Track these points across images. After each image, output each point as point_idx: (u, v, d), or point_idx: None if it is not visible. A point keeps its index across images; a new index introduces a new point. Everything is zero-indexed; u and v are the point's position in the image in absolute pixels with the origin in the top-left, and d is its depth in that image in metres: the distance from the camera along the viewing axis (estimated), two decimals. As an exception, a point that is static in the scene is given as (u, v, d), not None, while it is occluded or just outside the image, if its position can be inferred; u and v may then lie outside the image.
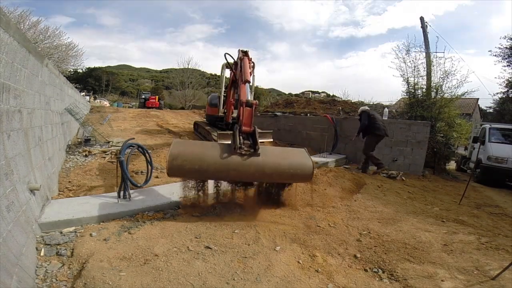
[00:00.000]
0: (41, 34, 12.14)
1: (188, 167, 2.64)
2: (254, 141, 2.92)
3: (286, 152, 3.22)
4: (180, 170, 2.66)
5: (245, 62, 3.99)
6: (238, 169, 2.76)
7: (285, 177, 3.00)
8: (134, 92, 50.61)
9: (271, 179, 2.93)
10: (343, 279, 2.22)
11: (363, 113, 6.49)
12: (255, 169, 2.79)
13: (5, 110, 2.05)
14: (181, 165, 2.62)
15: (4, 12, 2.08)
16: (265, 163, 2.84)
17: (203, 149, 2.88)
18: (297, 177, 3.03)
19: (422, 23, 10.13)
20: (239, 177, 2.82)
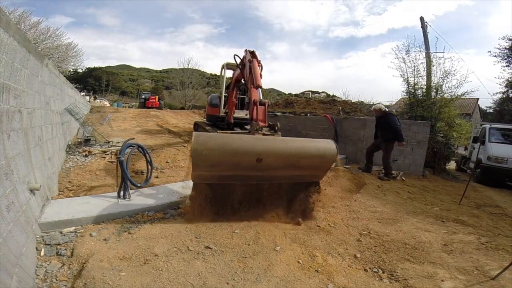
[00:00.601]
0: (42, 34, 12.14)
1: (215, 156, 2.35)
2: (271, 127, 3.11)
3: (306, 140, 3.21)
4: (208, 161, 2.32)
5: (255, 66, 3.96)
6: (270, 147, 2.59)
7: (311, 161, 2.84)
8: (134, 92, 50.65)
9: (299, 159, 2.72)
10: (343, 279, 2.22)
11: (391, 116, 6.02)
12: (283, 148, 2.64)
13: (5, 110, 2.05)
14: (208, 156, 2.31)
15: (4, 12, 2.08)
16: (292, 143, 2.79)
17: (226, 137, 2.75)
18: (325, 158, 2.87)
19: (422, 23, 10.13)
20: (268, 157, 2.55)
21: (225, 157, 2.40)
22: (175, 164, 5.34)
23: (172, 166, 5.25)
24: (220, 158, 2.38)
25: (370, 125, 7.53)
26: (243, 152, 2.45)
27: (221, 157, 2.38)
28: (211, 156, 2.30)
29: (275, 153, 2.63)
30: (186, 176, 4.66)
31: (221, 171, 2.46)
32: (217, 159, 2.37)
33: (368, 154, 6.41)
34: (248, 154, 2.49)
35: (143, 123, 10.25)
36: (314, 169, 2.98)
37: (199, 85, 32.14)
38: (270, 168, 2.63)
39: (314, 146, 2.86)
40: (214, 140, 2.38)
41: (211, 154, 2.30)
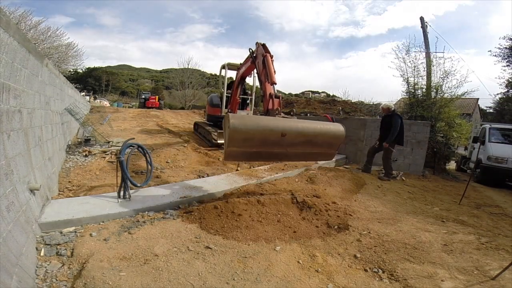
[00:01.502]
0: (42, 35, 12.13)
1: (250, 133, 2.74)
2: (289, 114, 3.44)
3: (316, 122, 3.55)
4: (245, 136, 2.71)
5: (269, 62, 4.07)
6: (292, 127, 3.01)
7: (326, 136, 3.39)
8: (134, 92, 50.65)
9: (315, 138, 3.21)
10: (343, 279, 2.23)
11: (395, 115, 5.92)
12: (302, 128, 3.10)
13: (5, 110, 2.05)
14: (245, 131, 2.70)
15: (4, 12, 2.08)
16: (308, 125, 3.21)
17: (256, 118, 3.17)
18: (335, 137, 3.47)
19: (422, 23, 10.14)
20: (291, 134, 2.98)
21: (257, 132, 2.74)
22: (175, 164, 5.34)
23: (172, 166, 5.25)
24: (253, 132, 2.72)
25: (370, 125, 7.54)
26: (271, 129, 2.85)
27: (254, 132, 2.72)
28: (246, 131, 2.64)
29: (296, 130, 3.07)
30: (186, 176, 4.66)
31: (251, 147, 2.79)
32: (251, 134, 2.70)
33: (369, 154, 6.40)
34: (275, 130, 2.88)
35: (143, 123, 10.26)
36: (327, 147, 3.45)
37: (199, 85, 32.13)
38: (292, 144, 3.01)
39: (326, 126, 3.43)
40: (248, 118, 2.90)
41: (246, 129, 2.64)
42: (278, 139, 2.90)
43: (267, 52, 4.21)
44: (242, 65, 5.91)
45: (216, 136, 6.56)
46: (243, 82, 6.62)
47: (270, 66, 4.04)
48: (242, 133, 2.63)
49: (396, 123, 5.75)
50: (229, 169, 5.38)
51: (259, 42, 4.49)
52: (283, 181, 4.62)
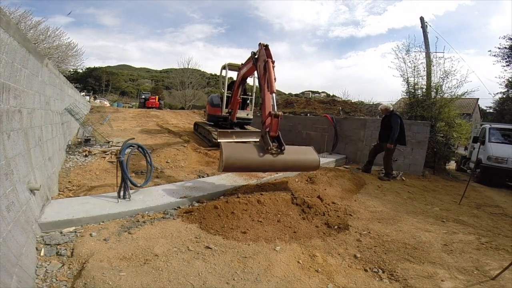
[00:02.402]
0: (42, 34, 12.12)
1: (238, 165, 3.57)
2: (280, 143, 3.78)
3: (300, 150, 4.22)
4: (232, 167, 3.55)
5: (270, 69, 4.04)
6: (271, 164, 3.73)
7: (301, 167, 4.24)
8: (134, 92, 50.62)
9: (291, 169, 4.00)
10: (343, 279, 2.23)
11: (394, 115, 5.91)
12: (282, 164, 3.81)
13: (5, 110, 2.05)
14: (233, 163, 3.48)
15: (4, 12, 2.08)
16: (288, 159, 3.83)
17: (246, 150, 3.77)
18: (309, 168, 4.27)
19: (422, 23, 10.14)
20: (271, 169, 3.89)
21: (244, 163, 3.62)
22: (175, 164, 5.34)
23: (172, 166, 5.25)
24: (240, 164, 3.59)
25: (370, 125, 7.54)
26: (254, 166, 3.73)
27: (241, 163, 3.60)
28: (235, 162, 3.53)
29: (276, 167, 3.89)
30: (186, 176, 4.66)
31: (239, 169, 3.80)
32: (238, 164, 3.59)
33: (371, 154, 6.40)
34: (257, 167, 3.82)
35: (143, 123, 10.25)
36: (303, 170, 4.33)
37: (199, 85, 32.11)
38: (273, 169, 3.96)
39: (303, 159, 4.05)
40: (238, 152, 3.64)
41: (235, 161, 3.53)
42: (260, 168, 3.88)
43: (269, 57, 4.18)
44: (243, 65, 5.90)
45: (216, 136, 6.55)
46: (244, 82, 6.61)
47: (271, 73, 4.03)
48: (232, 163, 3.48)
49: (395, 123, 5.75)
50: (229, 169, 5.38)
51: (262, 43, 4.43)
52: (283, 181, 4.62)
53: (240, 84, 6.37)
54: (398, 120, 5.82)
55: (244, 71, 5.87)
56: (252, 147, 3.81)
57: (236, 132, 6.97)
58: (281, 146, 3.76)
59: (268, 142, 3.69)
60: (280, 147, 3.75)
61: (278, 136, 3.79)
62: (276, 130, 3.77)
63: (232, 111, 7.01)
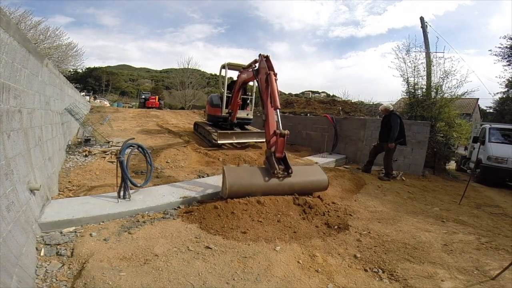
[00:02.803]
0: (42, 34, 12.13)
1: (242, 191, 3.39)
2: (286, 165, 3.61)
3: (307, 171, 4.06)
4: (236, 193, 3.36)
5: (272, 83, 3.78)
6: (277, 188, 3.54)
7: (309, 190, 3.86)
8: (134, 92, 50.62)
9: (299, 192, 3.68)
10: (343, 279, 2.23)
11: (393, 115, 5.90)
12: (288, 188, 3.61)
13: (5, 110, 2.05)
14: (237, 190, 3.36)
15: (4, 12, 2.08)
16: (295, 182, 3.64)
17: (251, 175, 3.57)
18: (317, 189, 3.94)
19: (422, 23, 10.14)
20: (277, 194, 3.56)
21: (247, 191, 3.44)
22: (175, 164, 5.34)
23: (172, 166, 5.25)
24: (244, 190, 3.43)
25: (370, 125, 7.54)
26: (260, 192, 3.48)
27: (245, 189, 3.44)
28: (239, 189, 3.40)
29: (283, 191, 3.61)
30: (186, 176, 4.66)
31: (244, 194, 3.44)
32: (243, 191, 3.42)
33: (371, 154, 6.40)
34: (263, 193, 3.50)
35: (143, 123, 10.25)
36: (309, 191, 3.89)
37: (199, 85, 32.13)
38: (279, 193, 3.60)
39: (310, 181, 3.86)
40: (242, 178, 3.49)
41: (240, 187, 3.41)
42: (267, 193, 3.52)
43: (271, 69, 3.94)
44: (244, 71, 5.78)
45: (216, 136, 6.55)
46: (244, 86, 6.57)
47: (274, 87, 3.76)
48: (237, 189, 3.36)
49: (395, 122, 5.76)
50: (229, 169, 5.38)
51: (263, 54, 4.24)
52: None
53: (240, 88, 6.34)
54: (397, 119, 5.82)
55: (244, 77, 5.75)
56: (257, 171, 3.61)
57: (236, 133, 6.97)
58: (288, 169, 3.56)
59: (274, 165, 3.50)
60: (287, 170, 3.56)
61: (285, 157, 3.63)
62: (282, 151, 3.61)
63: (232, 112, 6.99)
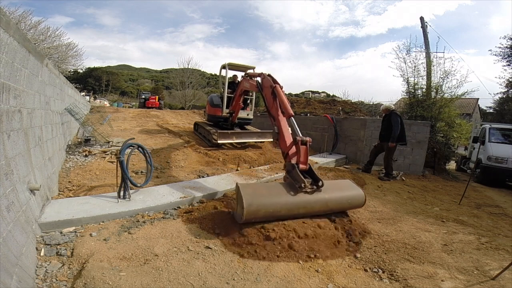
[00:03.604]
0: (42, 34, 12.12)
1: (262, 212, 2.66)
2: (314, 177, 2.99)
3: (338, 184, 3.40)
4: (255, 216, 2.64)
5: (280, 93, 3.58)
6: (306, 207, 2.86)
7: (345, 207, 3.27)
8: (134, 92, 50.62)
9: (332, 210, 3.09)
10: (343, 279, 2.22)
11: (393, 114, 5.90)
12: (320, 205, 2.93)
13: (5, 110, 2.05)
14: (256, 211, 2.62)
15: (4, 12, 2.08)
16: (329, 199, 3.00)
17: (271, 191, 2.90)
18: (354, 205, 3.35)
19: (422, 23, 10.14)
20: (306, 214, 2.89)
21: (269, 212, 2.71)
22: (175, 164, 5.34)
23: (172, 166, 5.25)
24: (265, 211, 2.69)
25: (370, 125, 7.54)
26: (285, 211, 2.77)
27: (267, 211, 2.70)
28: (258, 211, 2.65)
29: (314, 209, 2.94)
30: (186, 176, 4.66)
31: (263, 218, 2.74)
32: (263, 213, 2.68)
33: (372, 154, 6.40)
34: (289, 212, 2.80)
35: (143, 123, 10.25)
36: (344, 210, 3.33)
37: (199, 85, 32.11)
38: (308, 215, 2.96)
39: (347, 197, 3.21)
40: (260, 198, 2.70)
41: (259, 210, 2.65)
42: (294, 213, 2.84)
43: (276, 83, 3.76)
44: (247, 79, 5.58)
45: (216, 136, 6.55)
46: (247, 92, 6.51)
47: (282, 98, 3.51)
48: (255, 210, 2.62)
49: (395, 121, 5.76)
50: (229, 169, 5.38)
51: (264, 73, 4.14)
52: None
53: (241, 94, 6.29)
54: (398, 119, 5.83)
55: (246, 87, 5.59)
56: (278, 186, 3.00)
57: (236, 133, 6.96)
58: (318, 181, 2.94)
59: (300, 178, 2.88)
60: (316, 183, 2.94)
61: (310, 169, 3.05)
62: (306, 162, 3.05)
63: (234, 112, 6.98)
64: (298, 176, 2.91)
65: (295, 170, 2.96)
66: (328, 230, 2.84)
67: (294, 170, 2.97)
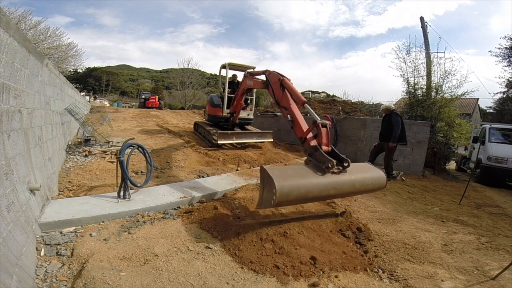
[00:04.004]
0: (42, 34, 12.12)
1: (294, 195, 2.58)
2: (339, 158, 2.94)
3: (361, 167, 3.38)
4: (287, 197, 2.54)
5: (288, 84, 3.66)
6: (336, 187, 2.85)
7: (369, 189, 3.27)
8: (134, 92, 50.59)
9: (358, 191, 3.10)
10: (343, 279, 2.22)
11: (394, 114, 5.89)
12: (348, 186, 2.93)
13: (5, 110, 2.05)
14: (288, 193, 2.53)
15: (4, 12, 2.08)
16: (355, 179, 2.99)
17: (298, 172, 2.83)
18: (377, 188, 3.34)
19: (422, 23, 10.15)
20: (336, 195, 2.88)
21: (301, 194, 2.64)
22: (175, 164, 5.34)
23: (172, 166, 5.25)
24: (298, 193, 2.61)
25: (370, 125, 7.53)
26: (317, 192, 2.74)
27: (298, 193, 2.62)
28: (290, 194, 2.54)
29: (343, 190, 2.96)
30: (186, 176, 4.66)
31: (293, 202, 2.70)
32: (295, 195, 2.59)
33: (372, 154, 6.40)
34: (320, 194, 2.80)
35: (143, 123, 10.25)
36: (369, 192, 3.44)
37: (199, 85, 32.12)
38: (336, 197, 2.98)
39: (371, 178, 3.19)
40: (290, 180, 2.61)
41: (290, 192, 2.53)
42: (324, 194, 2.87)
43: (284, 76, 3.81)
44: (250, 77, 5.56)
45: (216, 136, 6.55)
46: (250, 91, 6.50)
47: (292, 88, 3.57)
48: (287, 193, 2.53)
49: (396, 121, 5.76)
50: (229, 169, 5.38)
51: (269, 70, 4.14)
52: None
53: (243, 93, 6.25)
54: (398, 118, 5.83)
55: (250, 84, 5.54)
56: (304, 168, 2.93)
57: (236, 133, 6.96)
58: (343, 161, 2.89)
59: (327, 158, 2.81)
60: (341, 163, 2.88)
61: (333, 150, 3.02)
62: (328, 143, 3.05)
63: (235, 113, 6.95)
64: (324, 157, 2.85)
65: (319, 151, 2.91)
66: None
67: (318, 152, 2.92)
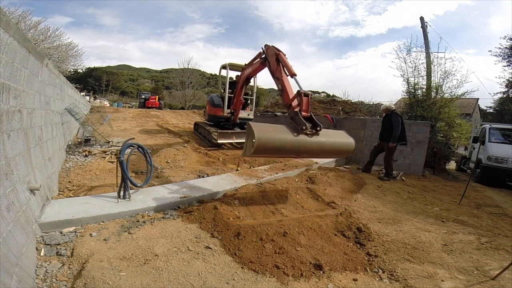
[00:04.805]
0: (42, 34, 12.12)
1: (270, 146, 3.06)
2: (314, 123, 3.41)
3: (334, 133, 3.91)
4: (264, 148, 3.02)
5: (283, 58, 4.06)
6: (306, 146, 3.30)
7: (338, 152, 3.77)
8: (134, 92, 50.59)
9: (327, 154, 3.62)
10: (343, 279, 2.22)
11: (394, 114, 5.92)
12: (317, 147, 3.40)
13: (5, 110, 2.05)
14: (265, 144, 3.00)
15: (4, 12, 2.08)
16: (325, 142, 3.47)
17: (278, 130, 3.30)
18: (345, 152, 3.85)
19: (422, 23, 10.14)
20: (306, 153, 3.42)
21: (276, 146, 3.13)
22: (175, 164, 5.34)
23: (172, 166, 5.25)
24: (273, 145, 3.09)
25: (370, 125, 7.53)
26: (289, 147, 3.21)
27: (274, 145, 3.10)
28: (267, 144, 3.03)
29: (311, 150, 3.41)
30: (186, 176, 4.66)
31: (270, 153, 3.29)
32: (271, 146, 3.08)
33: (372, 154, 6.40)
34: (292, 149, 3.26)
35: (143, 123, 10.25)
36: (339, 155, 3.97)
37: (199, 85, 32.13)
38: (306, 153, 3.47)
39: (340, 142, 3.70)
40: (268, 133, 3.11)
41: (267, 143, 3.03)
42: (295, 150, 3.29)
43: (280, 51, 4.18)
44: (248, 65, 5.73)
45: (216, 136, 6.55)
46: (248, 82, 6.55)
47: (285, 61, 4.00)
48: (264, 143, 2.99)
49: (396, 121, 5.76)
50: (229, 169, 5.38)
51: (268, 44, 4.46)
52: (283, 181, 4.62)
53: (243, 84, 6.29)
54: (398, 118, 5.83)
55: (249, 71, 5.73)
56: (283, 127, 3.36)
57: (236, 133, 6.96)
58: (316, 126, 3.39)
59: (302, 122, 3.30)
60: (315, 128, 3.38)
61: (311, 116, 3.48)
62: (308, 110, 3.50)
63: (235, 112, 6.95)
64: (301, 120, 3.31)
65: (298, 116, 3.36)
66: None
67: (297, 116, 3.36)
